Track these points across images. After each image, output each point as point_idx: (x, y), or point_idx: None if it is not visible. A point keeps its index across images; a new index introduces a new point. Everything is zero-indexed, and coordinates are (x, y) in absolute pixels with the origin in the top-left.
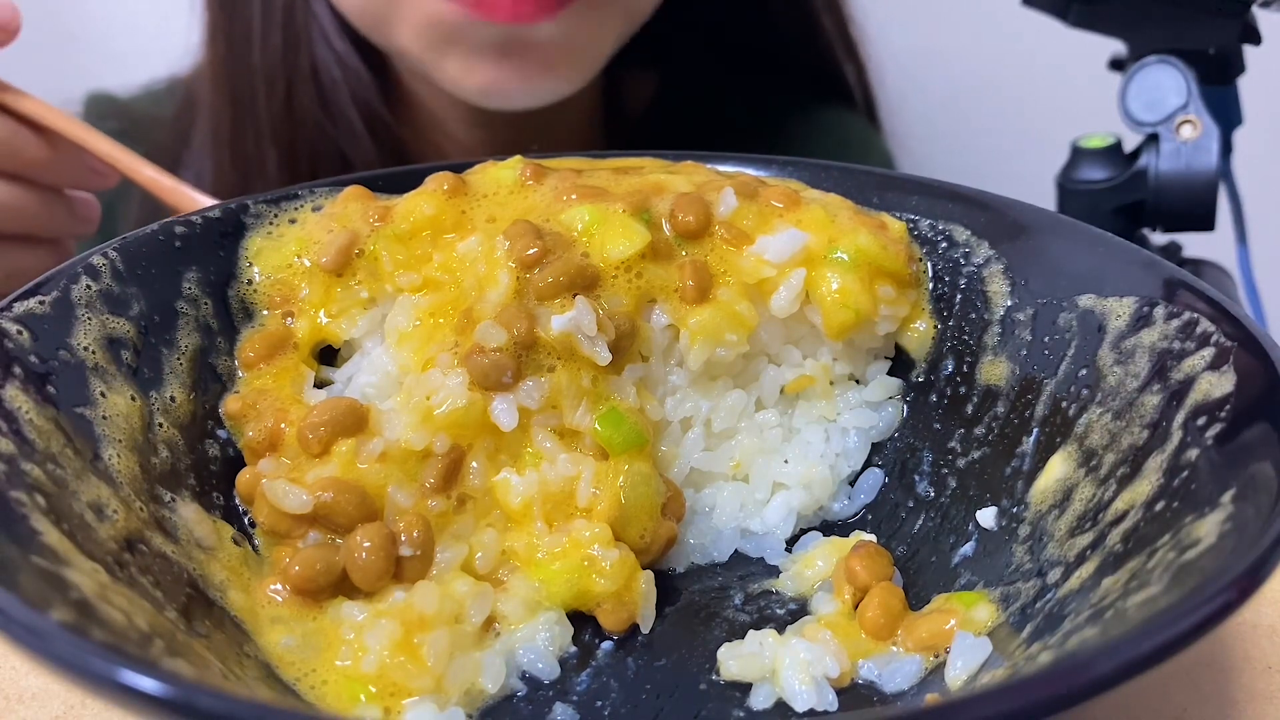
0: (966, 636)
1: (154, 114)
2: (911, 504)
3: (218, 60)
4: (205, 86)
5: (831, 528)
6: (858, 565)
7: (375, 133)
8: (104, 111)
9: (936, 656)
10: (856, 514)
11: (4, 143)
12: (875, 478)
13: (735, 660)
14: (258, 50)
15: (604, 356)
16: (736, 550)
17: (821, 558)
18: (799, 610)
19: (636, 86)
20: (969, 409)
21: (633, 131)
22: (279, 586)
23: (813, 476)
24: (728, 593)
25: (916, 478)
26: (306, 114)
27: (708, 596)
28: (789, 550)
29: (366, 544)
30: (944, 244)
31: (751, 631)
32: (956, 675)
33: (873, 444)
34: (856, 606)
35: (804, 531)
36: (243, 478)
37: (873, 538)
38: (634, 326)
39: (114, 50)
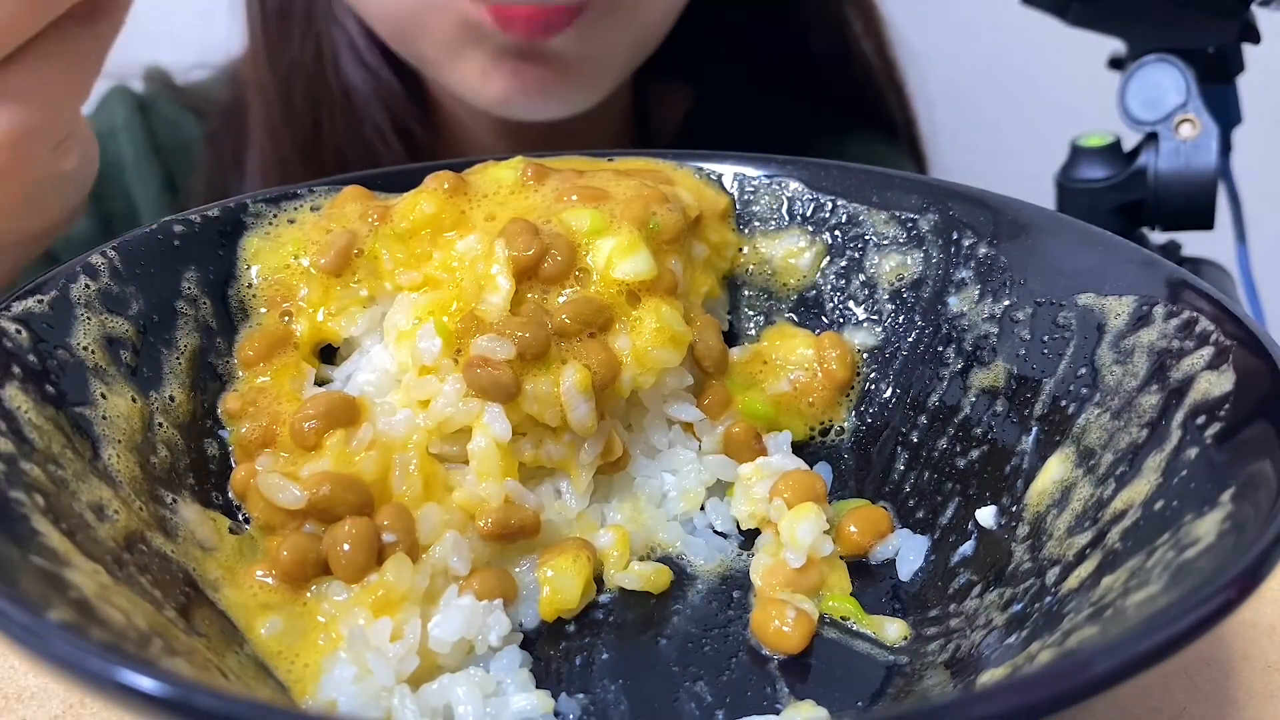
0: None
1: (213, 98)
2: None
3: (258, 78)
4: (252, 99)
5: None
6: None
7: (408, 146)
8: (164, 87)
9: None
10: None
11: None
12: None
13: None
14: (291, 64)
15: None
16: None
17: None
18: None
19: (668, 106)
20: (967, 409)
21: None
22: (265, 572)
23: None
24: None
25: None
26: (337, 131)
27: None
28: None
29: (347, 543)
30: (939, 242)
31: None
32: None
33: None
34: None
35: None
36: (236, 475)
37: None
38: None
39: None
